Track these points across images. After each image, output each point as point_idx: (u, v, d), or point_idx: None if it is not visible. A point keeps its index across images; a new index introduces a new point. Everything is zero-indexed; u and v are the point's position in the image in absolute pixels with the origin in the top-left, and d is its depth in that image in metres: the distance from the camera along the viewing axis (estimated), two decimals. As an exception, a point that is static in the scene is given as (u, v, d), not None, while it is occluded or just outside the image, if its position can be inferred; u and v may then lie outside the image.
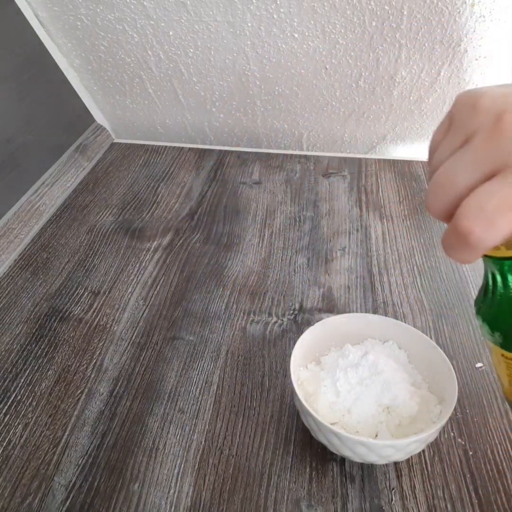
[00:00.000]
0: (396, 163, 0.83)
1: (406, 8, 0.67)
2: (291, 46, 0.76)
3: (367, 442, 0.36)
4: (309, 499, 0.40)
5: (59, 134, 0.81)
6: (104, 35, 0.79)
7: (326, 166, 0.83)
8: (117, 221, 0.72)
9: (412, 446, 0.37)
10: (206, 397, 0.48)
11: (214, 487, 0.41)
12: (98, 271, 0.63)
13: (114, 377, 0.50)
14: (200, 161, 0.85)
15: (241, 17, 0.72)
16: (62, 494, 0.41)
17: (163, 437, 0.45)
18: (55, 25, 0.79)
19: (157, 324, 0.56)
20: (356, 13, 0.69)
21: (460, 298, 0.58)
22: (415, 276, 0.61)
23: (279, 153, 0.87)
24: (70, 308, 0.58)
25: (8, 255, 0.65)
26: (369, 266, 0.63)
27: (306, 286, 0.60)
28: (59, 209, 0.74)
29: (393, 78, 0.79)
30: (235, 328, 0.55)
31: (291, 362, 0.41)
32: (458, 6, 0.66)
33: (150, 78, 0.86)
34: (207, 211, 0.74)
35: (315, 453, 0.43)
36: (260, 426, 0.45)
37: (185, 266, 0.64)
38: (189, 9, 0.72)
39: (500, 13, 0.67)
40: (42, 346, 0.53)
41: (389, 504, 0.40)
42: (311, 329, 0.44)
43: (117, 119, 0.98)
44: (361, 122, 0.89)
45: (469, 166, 0.21)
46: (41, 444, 0.44)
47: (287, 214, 0.72)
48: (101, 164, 0.85)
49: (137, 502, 0.40)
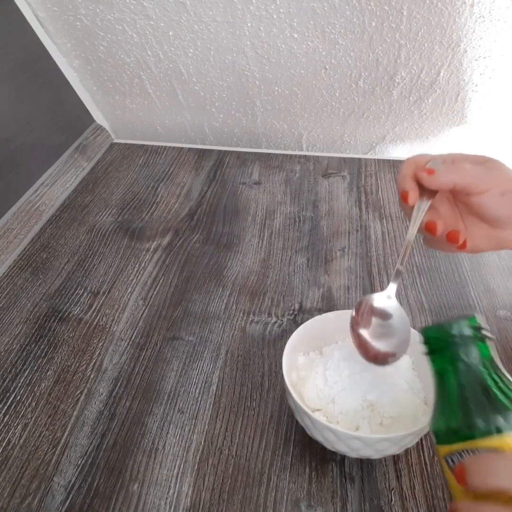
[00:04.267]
0: (395, 163, 0.83)
1: (405, 8, 0.67)
2: (291, 46, 0.76)
3: (362, 436, 0.36)
4: (308, 499, 0.40)
5: (58, 134, 0.81)
6: (103, 35, 0.79)
7: (326, 166, 0.83)
8: (117, 221, 0.72)
9: (407, 439, 0.37)
10: (205, 397, 0.48)
11: (213, 487, 0.41)
12: (98, 271, 0.63)
13: (114, 377, 0.50)
14: (199, 161, 0.85)
15: (240, 17, 0.72)
16: (61, 495, 0.41)
17: (163, 437, 0.45)
18: (55, 25, 0.79)
19: (156, 324, 0.56)
20: (355, 13, 0.69)
21: (460, 299, 0.58)
22: (415, 277, 0.61)
23: (278, 153, 0.87)
24: (69, 308, 0.58)
25: (8, 255, 0.65)
26: (369, 267, 0.63)
27: (306, 286, 0.60)
28: (58, 209, 0.74)
29: (392, 79, 0.79)
30: (235, 328, 0.55)
31: (284, 358, 0.41)
32: (458, 7, 0.66)
33: (149, 78, 0.86)
34: (207, 211, 0.74)
35: (315, 453, 0.43)
36: (260, 426, 0.45)
37: (185, 266, 0.64)
38: (189, 9, 0.72)
39: (500, 13, 0.67)
40: (41, 346, 0.53)
41: (389, 505, 0.40)
42: (316, 318, 0.45)
43: (117, 119, 0.98)
44: (360, 123, 0.89)
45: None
46: (41, 445, 0.44)
47: (286, 214, 0.72)
48: (101, 164, 0.85)
49: (136, 502, 0.40)
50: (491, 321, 0.55)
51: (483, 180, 0.36)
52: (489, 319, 0.56)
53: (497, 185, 0.36)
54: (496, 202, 0.36)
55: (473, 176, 0.36)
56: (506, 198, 0.36)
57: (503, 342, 0.53)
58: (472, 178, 0.36)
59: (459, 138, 0.91)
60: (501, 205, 0.37)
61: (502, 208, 0.37)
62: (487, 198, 0.36)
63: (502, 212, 0.37)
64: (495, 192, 0.36)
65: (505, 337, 0.53)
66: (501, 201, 0.36)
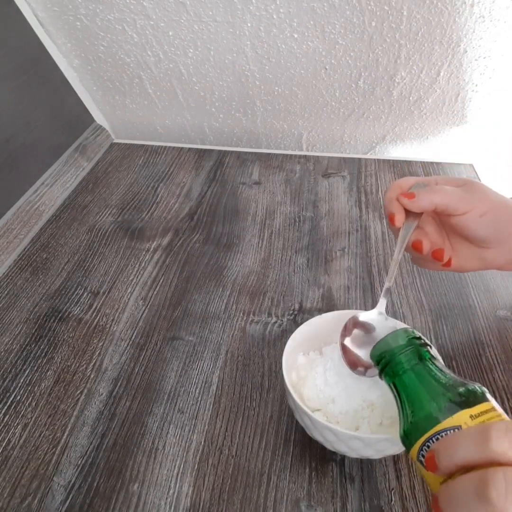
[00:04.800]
0: (395, 163, 0.83)
1: (405, 8, 0.67)
2: (291, 46, 0.76)
3: (362, 436, 0.36)
4: (308, 499, 0.40)
5: (58, 134, 0.81)
6: (103, 35, 0.79)
7: (326, 166, 0.83)
8: (117, 221, 0.72)
9: None
10: (205, 397, 0.48)
11: (213, 487, 0.41)
12: (98, 271, 0.63)
13: (114, 377, 0.50)
14: (199, 161, 0.85)
15: (240, 17, 0.72)
16: (61, 495, 0.41)
17: (163, 438, 0.45)
18: (55, 25, 0.79)
19: (156, 324, 0.56)
20: (355, 13, 0.69)
21: (460, 299, 0.58)
22: (415, 277, 0.61)
23: (278, 153, 0.87)
24: (69, 308, 0.58)
25: (8, 255, 0.65)
26: (369, 267, 0.63)
27: (306, 286, 0.60)
28: (58, 209, 0.74)
29: (392, 79, 0.79)
30: (235, 328, 0.55)
31: (284, 358, 0.41)
32: (458, 7, 0.66)
33: (149, 78, 0.86)
34: (207, 211, 0.74)
35: (315, 453, 0.43)
36: (260, 426, 0.45)
37: (185, 266, 0.64)
38: (189, 9, 0.72)
39: (500, 13, 0.67)
40: (41, 346, 0.53)
41: (389, 505, 0.40)
42: (317, 318, 0.45)
43: (117, 119, 0.98)
44: (360, 123, 0.89)
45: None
46: (41, 445, 0.44)
47: (286, 214, 0.72)
48: (101, 164, 0.85)
49: (136, 502, 0.40)
50: (491, 321, 0.55)
51: (463, 202, 0.38)
52: (489, 319, 0.56)
53: (476, 207, 0.38)
54: (475, 223, 0.39)
55: (453, 198, 0.38)
56: (485, 219, 0.38)
57: (503, 342, 0.53)
58: (452, 200, 0.38)
59: (459, 138, 0.91)
60: (480, 226, 0.39)
61: (482, 228, 0.39)
62: (467, 219, 0.39)
63: (482, 233, 0.39)
64: (474, 213, 0.38)
65: (505, 337, 0.53)
66: (480, 222, 0.39)
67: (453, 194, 0.39)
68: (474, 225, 0.39)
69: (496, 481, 0.23)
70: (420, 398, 0.31)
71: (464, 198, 0.38)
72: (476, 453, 0.25)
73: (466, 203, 0.38)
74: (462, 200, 0.38)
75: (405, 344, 0.34)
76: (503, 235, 0.40)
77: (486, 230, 0.39)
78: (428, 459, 0.27)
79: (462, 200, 0.38)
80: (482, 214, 0.38)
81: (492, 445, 0.24)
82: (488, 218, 0.38)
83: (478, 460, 0.25)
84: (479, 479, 0.24)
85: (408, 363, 0.33)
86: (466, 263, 0.42)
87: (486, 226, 0.39)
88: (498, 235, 0.40)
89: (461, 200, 0.38)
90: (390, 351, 0.34)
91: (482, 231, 0.39)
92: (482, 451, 0.24)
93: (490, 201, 0.39)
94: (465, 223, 0.39)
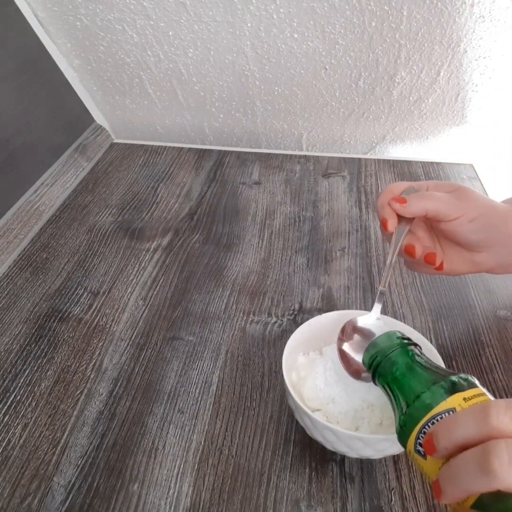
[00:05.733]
0: (395, 163, 0.83)
1: (405, 8, 0.67)
2: (291, 46, 0.76)
3: (362, 436, 0.36)
4: (308, 499, 0.40)
5: (58, 134, 0.81)
6: (103, 35, 0.79)
7: (326, 166, 0.83)
8: (117, 221, 0.72)
9: None
10: (205, 398, 0.48)
11: (213, 487, 0.41)
12: (98, 271, 0.63)
13: (114, 377, 0.50)
14: (199, 161, 0.85)
15: (240, 17, 0.72)
16: (61, 495, 0.41)
17: (163, 438, 0.45)
18: (55, 25, 0.79)
19: (156, 324, 0.56)
20: (355, 13, 0.69)
21: (460, 299, 0.58)
22: (415, 277, 0.61)
23: (278, 153, 0.87)
24: (69, 308, 0.58)
25: (8, 255, 0.65)
26: (369, 267, 0.63)
27: (306, 286, 0.60)
28: (58, 209, 0.74)
29: (392, 79, 0.79)
30: (235, 328, 0.55)
31: (284, 358, 0.41)
32: (458, 7, 0.66)
33: (149, 78, 0.86)
34: (207, 211, 0.74)
35: (315, 453, 0.43)
36: (260, 426, 0.45)
37: (185, 266, 0.64)
38: (189, 9, 0.72)
39: (500, 13, 0.67)
40: (41, 346, 0.53)
41: (389, 505, 0.40)
42: (317, 318, 0.45)
43: (117, 119, 0.98)
44: (360, 123, 0.89)
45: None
46: (41, 445, 0.44)
47: (286, 214, 0.72)
48: (101, 164, 0.85)
49: (136, 502, 0.40)
50: (491, 321, 0.55)
51: (453, 208, 0.39)
52: (489, 319, 0.56)
53: (466, 213, 0.39)
54: (465, 228, 0.40)
55: (444, 204, 0.39)
56: (475, 224, 0.39)
57: (503, 342, 0.53)
58: (442, 206, 0.39)
59: (459, 138, 0.91)
60: (470, 231, 0.40)
61: (472, 233, 0.40)
62: (457, 225, 0.40)
63: (472, 237, 0.40)
64: (464, 218, 0.39)
65: (505, 337, 0.53)
66: (471, 227, 0.40)
67: (444, 200, 0.40)
68: (465, 230, 0.40)
69: (499, 451, 0.23)
70: (413, 388, 0.31)
71: (454, 204, 0.39)
72: (476, 430, 0.25)
73: (456, 209, 0.39)
74: (452, 206, 0.39)
75: (395, 343, 0.35)
76: (493, 240, 0.41)
77: (476, 235, 0.40)
78: (426, 442, 0.27)
79: (452, 206, 0.39)
80: (472, 219, 0.39)
81: (492, 421, 0.24)
82: (478, 223, 0.39)
83: (478, 437, 0.24)
84: (481, 451, 0.23)
85: (399, 358, 0.34)
86: (457, 267, 0.43)
87: (476, 231, 0.40)
88: (488, 240, 0.41)
89: (451, 206, 0.39)
90: (381, 351, 0.35)
91: (472, 236, 0.40)
92: (483, 427, 0.24)
93: (479, 207, 0.40)
94: (456, 228, 0.40)
